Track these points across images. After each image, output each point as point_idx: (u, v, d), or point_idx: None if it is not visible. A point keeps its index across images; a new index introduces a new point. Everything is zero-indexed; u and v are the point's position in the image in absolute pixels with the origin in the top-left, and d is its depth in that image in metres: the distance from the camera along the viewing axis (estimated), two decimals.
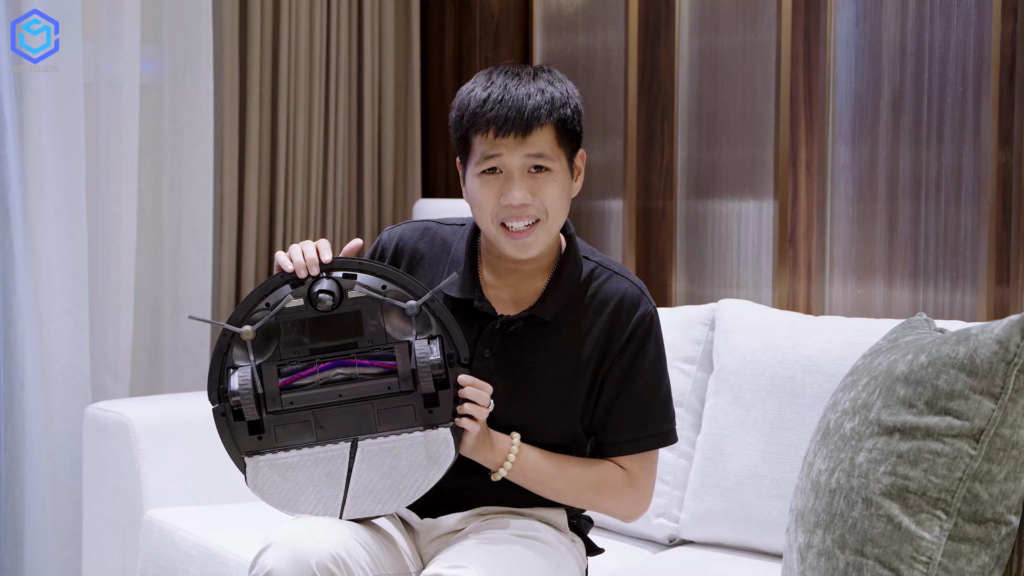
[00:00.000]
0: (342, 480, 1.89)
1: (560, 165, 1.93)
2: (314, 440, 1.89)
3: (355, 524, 1.89)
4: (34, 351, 3.14)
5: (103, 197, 3.25)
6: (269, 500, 1.90)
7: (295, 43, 3.54)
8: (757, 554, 2.49)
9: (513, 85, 1.90)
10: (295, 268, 1.89)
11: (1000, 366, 1.65)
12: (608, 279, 2.01)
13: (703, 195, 3.10)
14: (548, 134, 1.91)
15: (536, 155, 1.90)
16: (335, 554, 1.78)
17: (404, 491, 1.89)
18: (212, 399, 1.90)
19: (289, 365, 1.89)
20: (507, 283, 2.01)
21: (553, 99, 1.91)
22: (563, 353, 1.98)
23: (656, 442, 2.02)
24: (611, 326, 1.99)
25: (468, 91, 1.94)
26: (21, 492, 3.17)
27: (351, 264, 1.92)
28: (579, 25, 3.38)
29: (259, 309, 1.90)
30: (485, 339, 1.98)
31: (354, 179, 3.73)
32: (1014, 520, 1.69)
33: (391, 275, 1.91)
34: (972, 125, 2.60)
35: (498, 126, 1.88)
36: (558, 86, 1.93)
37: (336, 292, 1.90)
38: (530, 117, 1.88)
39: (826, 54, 2.81)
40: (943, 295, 2.67)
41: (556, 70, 1.99)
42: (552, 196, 1.92)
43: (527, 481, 1.97)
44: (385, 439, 1.88)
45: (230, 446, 1.90)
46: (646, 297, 2.02)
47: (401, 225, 2.11)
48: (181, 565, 2.62)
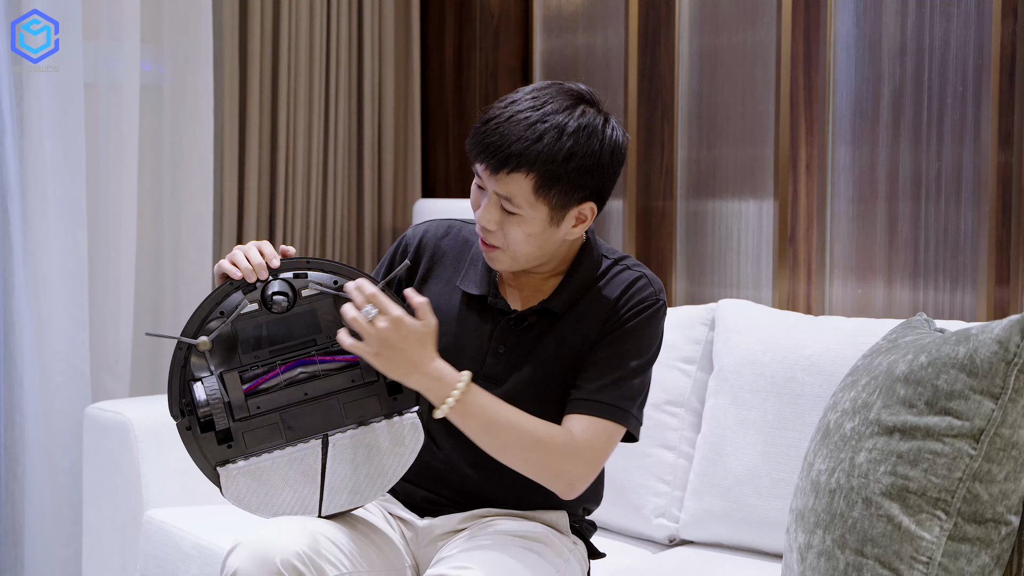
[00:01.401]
0: (317, 477, 1.89)
1: (534, 214, 1.85)
2: (284, 441, 1.89)
3: (331, 523, 1.90)
4: (34, 351, 3.14)
5: (103, 197, 3.25)
6: (247, 507, 1.89)
7: (295, 43, 3.54)
8: (757, 554, 2.49)
9: (521, 116, 1.82)
10: (244, 273, 1.89)
11: (1000, 366, 1.65)
12: (622, 271, 1.98)
13: (703, 195, 3.10)
14: (524, 183, 1.83)
15: (504, 197, 1.84)
16: (302, 552, 1.78)
17: (379, 479, 1.90)
18: (174, 415, 1.88)
19: (251, 371, 1.89)
20: (523, 282, 2.01)
21: (541, 153, 1.81)
22: (569, 339, 1.96)
23: (611, 413, 1.90)
24: (615, 303, 1.95)
25: (500, 99, 1.89)
26: (21, 492, 3.17)
27: (299, 263, 1.92)
28: (579, 25, 3.38)
29: (213, 318, 1.89)
30: (499, 335, 1.98)
31: (354, 179, 3.73)
32: (1014, 520, 1.69)
33: (340, 270, 1.93)
34: (972, 125, 2.60)
35: (476, 152, 1.85)
36: (553, 137, 1.81)
37: (290, 292, 1.90)
38: (503, 160, 1.82)
39: (826, 54, 2.81)
40: (943, 295, 2.67)
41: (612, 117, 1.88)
42: (514, 238, 1.87)
43: (474, 425, 1.84)
44: (354, 431, 1.90)
45: (200, 459, 1.89)
46: (654, 285, 1.97)
47: (426, 222, 2.11)
48: (181, 565, 2.62)
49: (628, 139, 1.93)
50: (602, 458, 1.92)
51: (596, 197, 1.89)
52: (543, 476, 1.89)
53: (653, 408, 2.65)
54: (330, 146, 3.63)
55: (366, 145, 3.71)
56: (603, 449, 1.91)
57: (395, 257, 2.09)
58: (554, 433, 1.87)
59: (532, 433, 1.85)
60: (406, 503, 2.07)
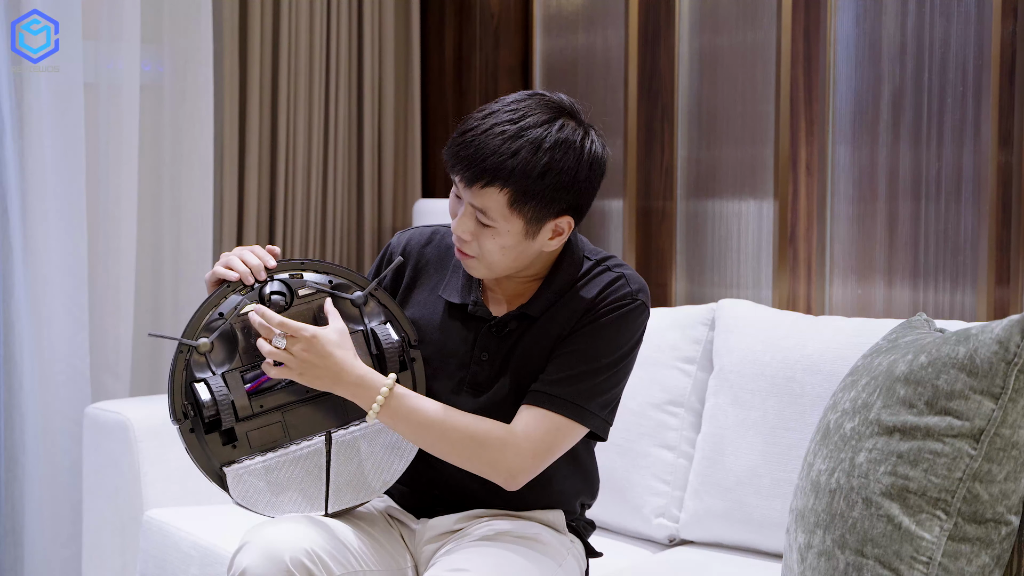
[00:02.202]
0: (322, 475, 1.90)
1: (508, 227, 1.83)
2: (288, 439, 1.90)
3: (337, 522, 1.90)
4: (34, 351, 3.14)
5: (103, 197, 3.25)
6: (255, 506, 1.90)
7: (295, 43, 3.54)
8: (757, 554, 2.49)
9: (498, 130, 1.80)
10: (242, 275, 1.91)
11: (1000, 366, 1.65)
12: (603, 272, 1.96)
13: (703, 195, 3.10)
14: (498, 197, 1.81)
15: (479, 209, 1.83)
16: (310, 550, 1.79)
17: (382, 475, 1.92)
18: (178, 417, 1.88)
19: (252, 370, 1.90)
20: (505, 287, 2.00)
21: (515, 169, 1.79)
22: (542, 340, 1.95)
23: (561, 407, 1.88)
24: (590, 302, 1.93)
25: (477, 110, 1.88)
26: (21, 492, 3.17)
27: (294, 264, 1.95)
28: (579, 25, 3.38)
29: (213, 321, 1.90)
30: (482, 342, 1.97)
31: (354, 179, 3.73)
32: (1014, 520, 1.69)
33: (334, 270, 1.96)
34: (972, 125, 2.60)
35: (451, 163, 1.84)
36: (528, 153, 1.80)
37: (287, 292, 1.92)
38: (477, 174, 1.81)
39: (826, 54, 2.81)
40: (943, 295, 2.67)
41: (593, 129, 1.87)
42: (488, 248, 1.86)
43: (404, 426, 1.86)
44: (357, 427, 1.92)
45: (204, 461, 1.89)
46: (633, 285, 1.94)
47: (410, 230, 2.11)
48: (181, 565, 2.62)
49: (610, 153, 1.91)
50: (547, 451, 1.89)
51: (573, 211, 1.88)
52: (481, 470, 1.89)
53: (653, 408, 2.65)
54: (330, 146, 3.63)
55: (366, 145, 3.71)
56: (548, 443, 1.88)
57: (381, 266, 2.09)
58: (488, 427, 1.88)
59: (463, 429, 1.86)
60: (402, 505, 2.07)
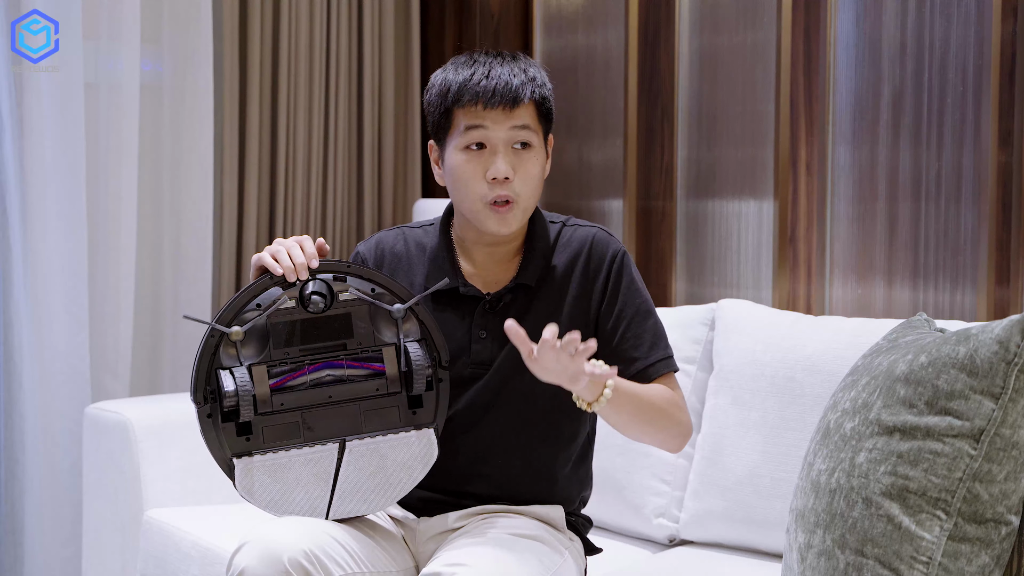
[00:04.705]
0: (329, 480, 1.90)
1: (539, 143, 1.99)
2: (302, 441, 1.89)
3: (337, 523, 1.90)
4: (33, 351, 3.14)
5: (103, 197, 3.25)
6: (257, 502, 1.89)
7: (295, 43, 3.54)
8: (757, 554, 2.49)
9: (497, 63, 1.98)
10: (284, 271, 1.90)
11: (1000, 366, 1.65)
12: (575, 231, 2.06)
13: (703, 195, 3.10)
14: (531, 110, 1.97)
15: (522, 126, 1.95)
16: (309, 551, 1.79)
17: (389, 491, 1.91)
18: (198, 400, 1.89)
19: (279, 367, 1.89)
20: (485, 267, 2.04)
21: (535, 79, 1.99)
22: (551, 311, 1.99)
23: (669, 364, 2.03)
24: (586, 269, 2.02)
25: (450, 70, 1.99)
26: (21, 492, 3.17)
27: (339, 267, 1.93)
28: (579, 25, 3.38)
29: (249, 310, 1.89)
30: (478, 321, 2.00)
31: (354, 179, 3.73)
32: (1014, 520, 1.69)
33: (377, 278, 1.94)
34: (972, 125, 2.60)
35: (486, 99, 1.93)
36: (533, 70, 2.01)
37: (327, 294, 1.91)
38: (517, 90, 1.95)
39: (826, 54, 2.81)
40: (943, 295, 2.67)
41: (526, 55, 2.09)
42: (530, 176, 1.97)
43: (627, 408, 1.89)
44: (372, 439, 1.90)
45: (216, 448, 1.89)
46: (612, 238, 2.07)
47: (376, 235, 2.14)
48: (181, 565, 2.62)
49: None
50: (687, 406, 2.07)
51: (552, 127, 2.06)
52: (670, 437, 1.98)
53: None
54: (330, 146, 3.64)
55: (366, 145, 3.71)
56: (681, 396, 2.03)
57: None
58: (660, 391, 1.97)
59: (663, 400, 1.97)
60: (402, 503, 2.07)
